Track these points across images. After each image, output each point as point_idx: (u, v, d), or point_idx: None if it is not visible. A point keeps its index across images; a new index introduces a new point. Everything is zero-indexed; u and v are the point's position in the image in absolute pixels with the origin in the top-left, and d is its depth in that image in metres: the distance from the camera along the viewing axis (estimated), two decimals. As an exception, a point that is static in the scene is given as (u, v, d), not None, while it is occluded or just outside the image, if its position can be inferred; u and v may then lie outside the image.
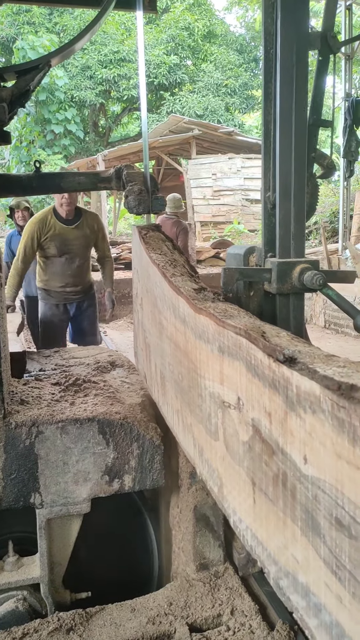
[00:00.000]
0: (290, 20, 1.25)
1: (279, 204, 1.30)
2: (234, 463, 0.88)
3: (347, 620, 0.58)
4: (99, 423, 1.45)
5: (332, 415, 0.58)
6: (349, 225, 9.04)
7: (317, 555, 0.63)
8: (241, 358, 0.82)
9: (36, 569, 1.51)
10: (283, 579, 0.72)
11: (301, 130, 1.28)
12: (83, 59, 16.86)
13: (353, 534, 0.55)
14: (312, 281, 1.24)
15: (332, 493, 0.59)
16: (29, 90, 1.59)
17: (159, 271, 1.27)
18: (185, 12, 17.67)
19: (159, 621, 1.37)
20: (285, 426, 0.69)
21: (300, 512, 0.66)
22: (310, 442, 0.63)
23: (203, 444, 1.03)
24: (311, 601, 0.65)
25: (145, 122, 1.87)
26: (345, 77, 9.12)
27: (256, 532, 0.80)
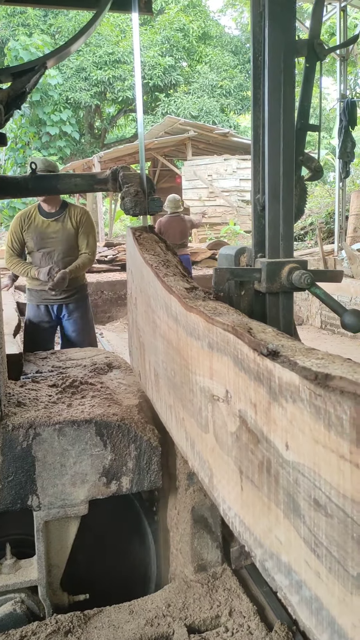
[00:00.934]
0: (278, 29, 1.30)
1: (268, 205, 1.35)
2: (222, 453, 0.92)
3: (324, 593, 0.62)
4: (97, 425, 1.45)
5: (310, 403, 0.63)
6: (344, 226, 9.11)
7: (297, 535, 0.68)
8: (229, 353, 0.87)
9: (34, 572, 1.51)
10: (268, 561, 0.77)
11: (289, 134, 1.33)
12: (78, 60, 16.93)
13: (329, 512, 0.60)
14: (300, 280, 1.29)
15: (310, 476, 0.64)
16: (24, 92, 1.59)
17: (152, 271, 1.32)
18: (180, 13, 17.78)
19: (157, 623, 1.37)
20: (269, 416, 0.74)
21: (283, 496, 0.71)
22: (291, 429, 0.68)
23: (194, 437, 1.08)
24: (293, 579, 0.69)
25: (142, 123, 1.89)
26: (340, 78, 9.20)
27: (244, 518, 0.85)
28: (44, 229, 3.18)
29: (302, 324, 8.24)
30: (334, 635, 0.60)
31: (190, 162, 12.88)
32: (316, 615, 0.64)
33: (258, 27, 1.34)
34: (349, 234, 9.05)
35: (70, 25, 16.96)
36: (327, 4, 9.61)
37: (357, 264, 7.87)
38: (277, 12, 1.29)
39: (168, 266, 1.37)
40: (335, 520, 0.59)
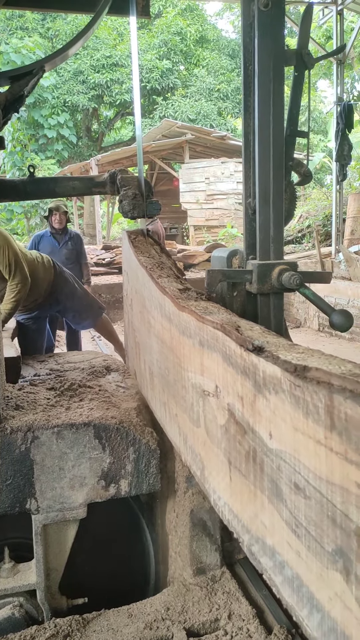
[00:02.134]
0: (267, 39, 1.36)
1: (258, 209, 1.40)
2: (213, 446, 0.97)
3: (304, 571, 0.67)
4: (95, 428, 1.46)
5: (290, 393, 0.68)
6: (342, 228, 9.17)
7: (280, 518, 0.72)
8: (218, 350, 0.92)
9: (32, 575, 1.51)
10: (254, 545, 0.81)
11: (279, 140, 1.39)
12: (75, 63, 17.04)
13: (307, 494, 0.65)
14: (290, 281, 1.34)
15: (291, 462, 0.69)
16: (22, 95, 1.59)
17: (146, 273, 1.37)
18: (177, 17, 17.91)
19: (156, 626, 1.37)
20: (255, 407, 0.79)
21: (267, 483, 0.76)
22: (274, 419, 0.73)
23: (187, 432, 1.13)
24: (277, 560, 0.74)
25: (140, 126, 1.89)
26: (336, 81, 9.27)
27: (232, 506, 0.90)
28: None
29: (300, 327, 8.30)
30: (312, 609, 0.65)
31: (188, 165, 12.96)
32: (297, 592, 0.69)
33: (248, 37, 1.39)
34: (346, 237, 9.12)
35: (68, 29, 17.07)
36: (323, 7, 9.71)
37: (354, 266, 7.94)
38: (266, 23, 1.34)
39: (162, 268, 1.42)
40: (312, 502, 0.64)
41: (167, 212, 14.76)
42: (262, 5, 1.33)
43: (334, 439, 0.58)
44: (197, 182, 12.71)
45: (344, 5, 8.97)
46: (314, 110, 15.93)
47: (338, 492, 0.58)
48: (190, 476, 1.50)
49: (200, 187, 12.71)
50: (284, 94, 1.38)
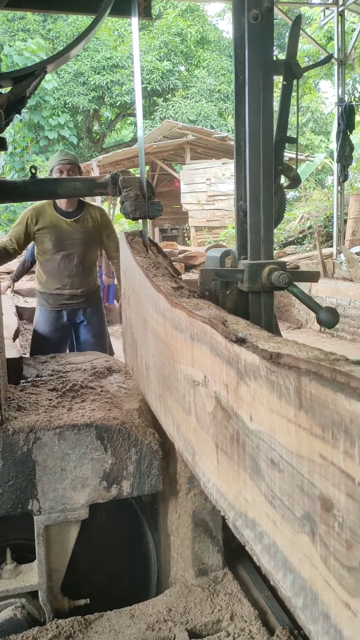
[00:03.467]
0: (257, 50, 1.44)
1: (249, 211, 1.48)
2: (202, 432, 1.05)
3: (279, 538, 0.75)
4: (97, 429, 1.47)
5: (266, 379, 0.76)
6: (343, 229, 9.23)
7: (259, 492, 0.81)
8: (206, 342, 1.00)
9: (34, 577, 1.52)
10: (239, 520, 0.90)
11: (268, 146, 1.47)
12: (76, 65, 17.20)
13: (281, 468, 0.73)
14: (279, 280, 1.43)
15: (268, 440, 0.77)
16: (24, 96, 1.61)
17: (142, 272, 1.46)
18: (178, 18, 18.07)
19: (159, 627, 1.38)
20: (238, 394, 0.87)
21: (249, 461, 0.84)
22: (254, 403, 0.81)
23: (180, 421, 1.21)
24: (256, 530, 0.82)
25: (141, 127, 1.88)
26: (338, 82, 9.34)
27: (219, 486, 0.98)
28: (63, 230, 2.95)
29: (302, 327, 8.37)
30: (286, 571, 0.73)
31: (189, 166, 13.07)
32: (274, 557, 0.77)
33: (239, 48, 1.48)
34: (347, 238, 9.19)
35: (69, 30, 17.25)
36: (324, 9, 9.81)
37: (355, 267, 8.00)
38: (256, 35, 1.43)
39: (158, 267, 1.51)
40: (285, 474, 0.72)
41: (168, 213, 14.86)
42: (252, 19, 1.42)
43: (302, 417, 0.67)
44: (198, 183, 12.82)
45: (345, 6, 9.06)
46: (315, 111, 16.04)
47: (305, 464, 0.66)
48: (192, 477, 1.50)
49: (202, 188, 12.82)
50: (273, 102, 1.46)
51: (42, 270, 3.06)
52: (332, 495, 0.61)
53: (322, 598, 0.64)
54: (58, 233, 2.94)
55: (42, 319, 3.16)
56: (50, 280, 3.05)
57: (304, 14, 14.83)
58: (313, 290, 7.99)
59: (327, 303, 7.60)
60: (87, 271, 3.10)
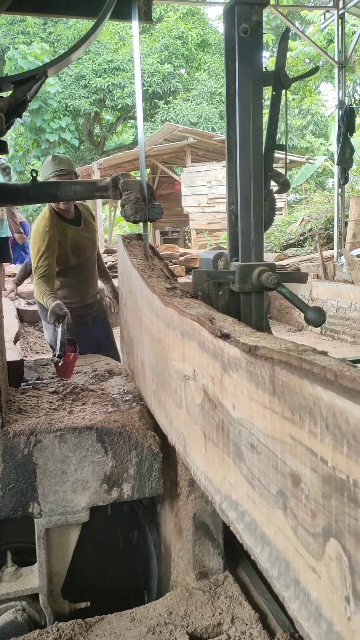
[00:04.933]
0: (247, 62, 1.53)
1: (240, 215, 1.57)
2: (192, 423, 1.13)
3: (258, 515, 0.83)
4: (98, 431, 1.48)
5: (246, 370, 0.84)
6: (343, 232, 9.29)
7: (241, 475, 0.88)
8: (195, 338, 1.08)
9: (35, 579, 1.53)
10: (224, 503, 0.97)
11: (258, 153, 1.56)
12: (77, 68, 17.36)
13: (259, 450, 0.81)
14: (268, 281, 1.51)
15: (248, 426, 0.85)
16: (26, 100, 1.61)
17: (138, 274, 1.54)
18: (178, 21, 18.23)
19: (159, 630, 1.39)
20: (222, 385, 0.95)
21: (232, 447, 0.92)
22: (236, 393, 0.89)
23: (172, 414, 1.29)
24: (239, 510, 0.90)
25: (142, 130, 1.91)
26: (338, 85, 9.43)
27: (207, 473, 1.06)
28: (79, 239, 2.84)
29: (302, 330, 8.44)
30: (264, 545, 0.81)
31: (190, 168, 13.18)
32: (253, 533, 0.84)
33: (230, 60, 1.57)
34: (348, 240, 9.26)
35: (69, 34, 17.42)
36: (325, 11, 9.93)
37: (356, 269, 8.07)
38: (246, 48, 1.52)
39: (153, 269, 1.59)
40: (262, 456, 0.80)
41: (169, 215, 14.97)
42: (242, 32, 1.50)
43: (275, 402, 0.74)
44: (199, 186, 12.92)
45: (346, 9, 9.16)
46: (315, 114, 16.17)
47: (279, 445, 0.74)
48: (192, 480, 1.52)
49: (202, 191, 12.92)
50: (262, 111, 1.55)
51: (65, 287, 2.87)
52: (300, 471, 0.69)
53: (293, 565, 0.72)
54: (74, 242, 2.81)
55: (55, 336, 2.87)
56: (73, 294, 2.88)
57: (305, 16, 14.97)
58: (314, 293, 8.06)
59: (328, 305, 7.67)
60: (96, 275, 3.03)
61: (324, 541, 0.64)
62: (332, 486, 0.61)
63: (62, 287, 2.87)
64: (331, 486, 0.62)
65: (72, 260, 2.81)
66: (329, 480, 0.62)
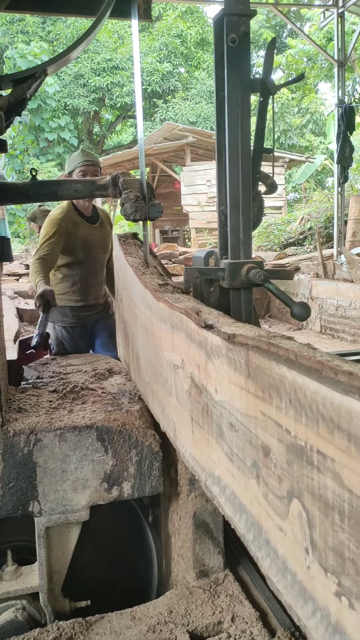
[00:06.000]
0: (236, 70, 1.63)
1: (230, 215, 1.66)
2: (181, 409, 1.23)
3: (236, 487, 0.93)
4: (98, 430, 1.49)
5: (226, 356, 0.94)
6: (343, 230, 9.38)
7: (222, 452, 0.98)
8: (183, 330, 1.18)
9: (35, 578, 1.55)
10: (208, 480, 1.07)
11: (246, 156, 1.65)
12: (76, 67, 17.49)
13: (237, 428, 0.91)
14: (256, 277, 1.61)
15: (228, 407, 0.95)
16: (25, 98, 1.63)
17: (133, 271, 1.64)
18: (177, 19, 18.36)
19: (160, 629, 1.41)
20: (206, 371, 1.05)
21: (215, 428, 1.02)
22: (218, 377, 0.99)
23: (164, 403, 1.39)
24: (221, 485, 1.00)
25: (141, 129, 1.91)
26: (338, 84, 9.51)
27: (194, 454, 1.15)
28: (90, 236, 2.84)
29: (302, 329, 8.53)
30: (241, 513, 0.91)
31: (189, 167, 13.28)
32: (232, 504, 0.94)
33: (220, 68, 1.67)
34: (348, 239, 9.35)
35: (68, 32, 17.55)
36: (324, 10, 10.02)
37: (356, 268, 8.15)
38: (234, 57, 1.62)
39: (147, 267, 1.69)
40: (240, 433, 0.89)
41: (168, 214, 15.08)
42: (230, 42, 1.60)
43: (250, 383, 0.84)
44: (199, 185, 13.03)
45: (345, 7, 9.24)
46: (314, 113, 16.30)
47: (252, 421, 0.84)
48: (193, 478, 1.55)
49: (202, 190, 13.02)
50: (250, 116, 1.65)
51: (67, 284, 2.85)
52: (269, 443, 0.79)
53: (265, 527, 0.82)
54: (87, 239, 2.81)
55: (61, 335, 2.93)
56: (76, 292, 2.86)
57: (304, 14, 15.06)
58: (314, 292, 8.16)
59: (328, 304, 7.76)
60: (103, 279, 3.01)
61: (288, 502, 0.73)
62: (294, 453, 0.71)
63: (63, 280, 2.86)
64: (293, 453, 0.71)
65: (79, 256, 2.80)
66: (291, 448, 0.72)
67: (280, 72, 15.38)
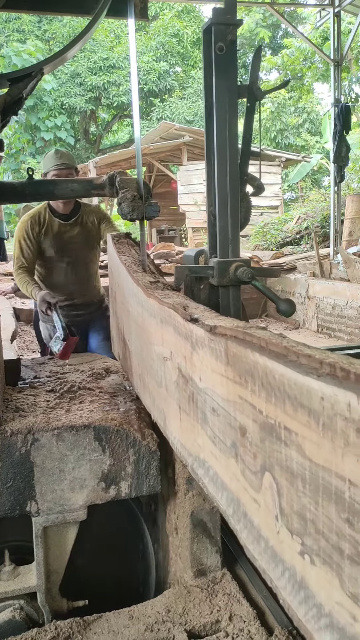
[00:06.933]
0: (223, 77, 1.72)
1: (218, 216, 1.75)
2: (170, 399, 1.31)
3: (219, 467, 1.01)
4: (95, 430, 1.51)
5: (209, 346, 1.02)
6: (340, 230, 9.48)
7: (206, 436, 1.07)
8: (171, 324, 1.26)
9: (33, 578, 1.55)
10: (195, 463, 1.16)
11: (234, 159, 1.74)
12: (72, 66, 17.57)
13: (218, 412, 0.99)
14: (244, 275, 1.70)
15: (211, 394, 1.03)
16: (21, 97, 1.65)
17: (125, 269, 1.72)
18: (174, 19, 18.47)
19: (157, 628, 1.42)
20: (192, 361, 1.13)
21: (200, 414, 1.10)
22: (202, 367, 1.08)
23: (155, 394, 1.47)
24: (205, 466, 1.08)
25: (138, 128, 1.91)
26: (334, 83, 9.61)
27: (182, 440, 1.24)
28: (64, 235, 2.84)
29: (299, 328, 8.62)
30: (223, 491, 0.99)
31: (186, 167, 13.37)
32: (215, 483, 1.03)
33: (208, 74, 1.76)
34: (344, 238, 9.45)
35: (64, 31, 17.63)
36: (320, 9, 10.13)
37: (352, 267, 8.25)
38: (222, 64, 1.71)
39: (139, 265, 1.78)
40: (221, 417, 0.98)
41: (165, 214, 15.17)
42: (218, 50, 1.69)
43: (229, 370, 0.93)
44: (195, 184, 13.12)
45: (341, 7, 9.34)
46: (311, 112, 16.45)
47: (232, 405, 0.93)
48: (190, 478, 1.57)
49: (198, 189, 13.10)
50: (237, 121, 1.74)
51: (47, 282, 2.91)
52: (245, 423, 0.87)
53: (242, 501, 0.90)
54: (58, 237, 2.83)
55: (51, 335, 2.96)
56: (56, 290, 2.89)
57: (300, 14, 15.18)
58: (310, 291, 8.26)
59: (325, 303, 7.86)
60: (92, 276, 3.02)
61: (262, 475, 0.82)
62: (266, 431, 0.80)
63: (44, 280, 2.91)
64: (265, 431, 0.80)
65: (52, 254, 2.83)
66: (264, 426, 0.80)
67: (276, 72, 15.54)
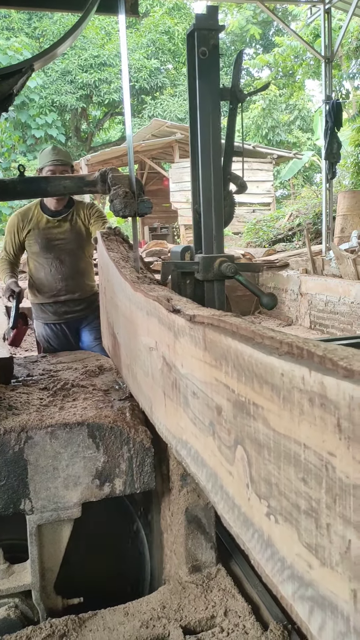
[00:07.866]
0: (206, 80, 1.81)
1: (203, 213, 1.84)
2: (156, 386, 1.40)
3: (199, 446, 1.10)
4: (89, 427, 1.52)
5: (189, 334, 1.11)
6: (332, 226, 9.60)
7: (188, 418, 1.16)
8: (156, 315, 1.35)
9: (27, 576, 1.56)
10: (178, 445, 1.25)
11: (217, 158, 1.83)
12: (63, 63, 17.58)
13: (198, 395, 1.08)
14: (227, 270, 1.79)
15: (191, 378, 1.12)
16: (12, 94, 1.63)
17: (114, 265, 1.81)
18: (164, 16, 18.53)
19: (153, 624, 1.42)
20: (175, 350, 1.22)
21: (182, 398, 1.19)
22: (183, 354, 1.16)
23: (141, 382, 1.56)
24: (187, 447, 1.17)
25: (130, 124, 1.91)
26: (325, 80, 9.71)
27: (167, 424, 1.33)
28: (52, 231, 2.90)
29: (292, 325, 8.74)
30: (202, 467, 1.08)
31: (178, 164, 13.45)
32: (196, 462, 1.12)
33: (192, 77, 1.84)
34: (336, 235, 9.58)
35: (55, 29, 17.64)
36: (311, 6, 10.24)
37: (344, 264, 8.37)
38: (205, 67, 1.79)
39: (127, 261, 1.86)
40: (200, 399, 1.07)
41: (157, 211, 15.23)
42: (201, 54, 1.78)
43: (207, 355, 1.02)
44: (187, 182, 13.13)
45: (332, 3, 9.45)
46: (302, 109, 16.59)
47: (209, 387, 1.02)
48: (185, 474, 1.59)
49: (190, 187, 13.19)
50: (220, 122, 1.83)
51: (35, 278, 2.98)
52: (221, 403, 0.96)
53: (219, 474, 0.99)
54: (45, 234, 2.89)
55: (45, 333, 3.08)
56: (44, 287, 2.96)
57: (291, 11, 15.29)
58: (303, 288, 8.37)
59: (317, 300, 7.97)
60: (82, 273, 3.05)
61: (235, 449, 0.91)
62: (238, 408, 0.89)
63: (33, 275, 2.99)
64: (237, 408, 0.89)
65: (39, 251, 2.90)
66: (236, 404, 0.89)
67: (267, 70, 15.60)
